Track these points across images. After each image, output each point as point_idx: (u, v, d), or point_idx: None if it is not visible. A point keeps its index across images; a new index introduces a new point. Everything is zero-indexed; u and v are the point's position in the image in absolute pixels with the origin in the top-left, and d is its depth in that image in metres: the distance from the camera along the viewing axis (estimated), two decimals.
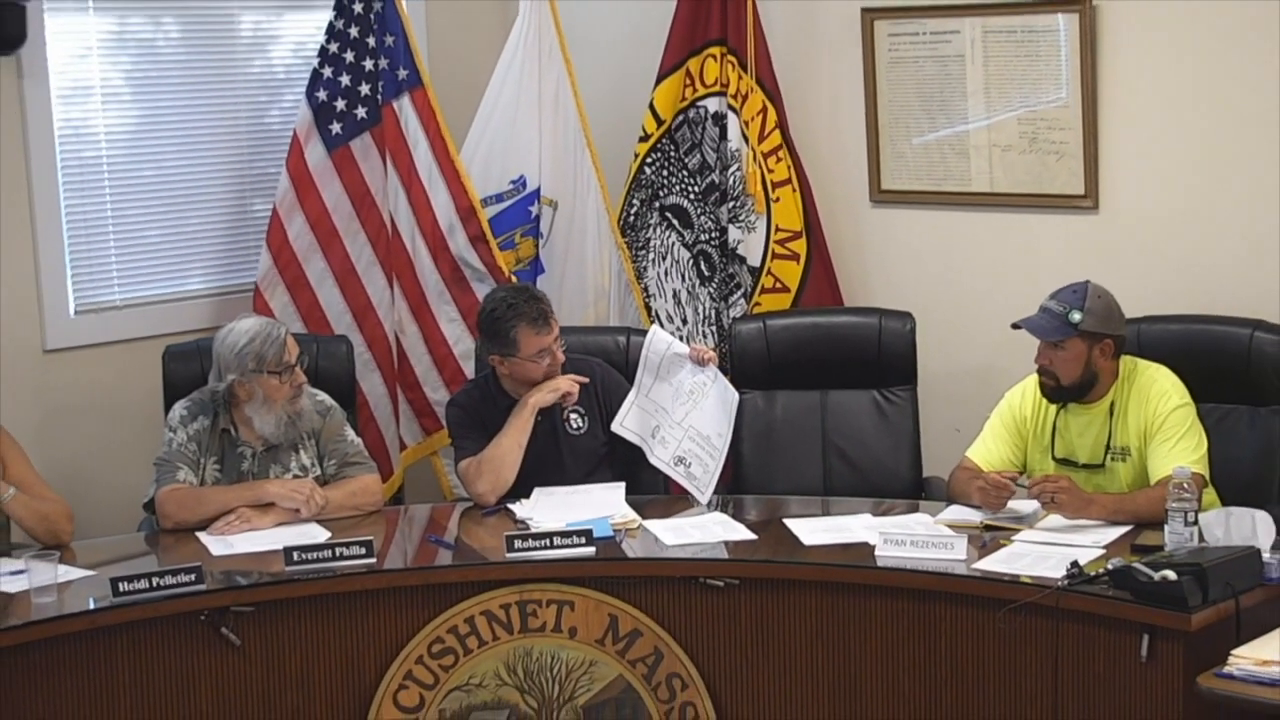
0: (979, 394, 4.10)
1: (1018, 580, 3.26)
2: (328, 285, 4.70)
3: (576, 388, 3.97)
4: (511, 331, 3.92)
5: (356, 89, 4.68)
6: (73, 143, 4.54)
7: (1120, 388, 3.72)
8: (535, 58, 4.86)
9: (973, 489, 3.70)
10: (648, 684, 3.50)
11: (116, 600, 3.29)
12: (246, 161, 4.88)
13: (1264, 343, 3.92)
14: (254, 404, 3.84)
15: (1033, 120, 4.45)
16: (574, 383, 3.97)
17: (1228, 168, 4.17)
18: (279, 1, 4.95)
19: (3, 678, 3.18)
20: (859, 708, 3.44)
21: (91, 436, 4.51)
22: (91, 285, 4.60)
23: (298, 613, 3.45)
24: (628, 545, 3.63)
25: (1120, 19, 4.27)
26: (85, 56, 4.57)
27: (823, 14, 4.80)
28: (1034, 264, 4.35)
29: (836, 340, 4.41)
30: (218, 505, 3.77)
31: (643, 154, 4.91)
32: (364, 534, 3.59)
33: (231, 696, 3.41)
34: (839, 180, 4.83)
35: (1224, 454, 3.77)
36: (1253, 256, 4.13)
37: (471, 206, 4.75)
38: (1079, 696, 3.20)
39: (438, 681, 3.49)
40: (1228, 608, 3.05)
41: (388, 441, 4.75)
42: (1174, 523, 3.28)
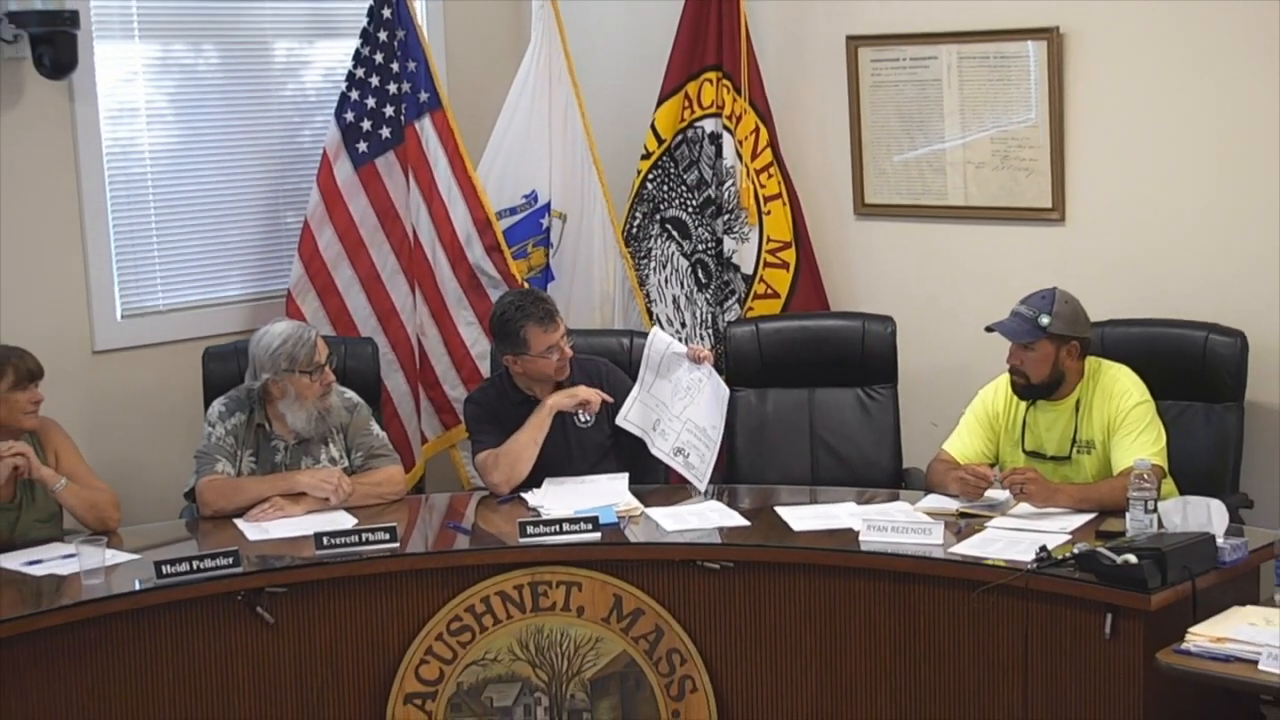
0: (955, 392, 4.10)
1: (990, 563, 3.26)
2: (355, 291, 4.70)
3: (599, 401, 3.94)
4: (521, 331, 3.91)
5: (381, 111, 4.68)
6: (120, 160, 4.53)
7: (1085, 386, 3.71)
8: (546, 82, 4.86)
9: (950, 479, 3.70)
10: (649, 659, 3.50)
11: (160, 582, 3.29)
12: (280, 177, 4.87)
13: (1218, 344, 3.93)
14: (287, 401, 3.84)
15: (1004, 139, 4.45)
16: (597, 396, 3.94)
17: (1184, 183, 4.17)
18: (310, 29, 4.95)
19: (55, 653, 3.18)
20: (844, 681, 3.43)
21: (137, 431, 4.51)
22: (137, 291, 4.59)
23: (327, 593, 3.45)
24: (631, 531, 3.63)
25: (1085, 47, 4.27)
26: (131, 80, 4.57)
27: (811, 41, 4.79)
28: (1005, 272, 4.34)
29: (823, 342, 4.41)
30: (253, 494, 3.77)
31: (645, 170, 4.91)
32: (388, 520, 3.60)
33: (266, 671, 3.41)
34: (825, 194, 4.83)
35: (1181, 447, 3.78)
36: (1208, 265, 4.13)
37: (487, 219, 4.75)
38: (1047, 671, 3.20)
39: (456, 656, 3.48)
40: (1185, 589, 3.05)
41: (410, 435, 4.75)
42: (1135, 510, 3.28)
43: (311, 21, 4.95)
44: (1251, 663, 2.79)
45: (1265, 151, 4.02)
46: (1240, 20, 4.01)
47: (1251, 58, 4.00)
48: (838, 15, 4.71)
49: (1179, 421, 3.86)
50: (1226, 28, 4.03)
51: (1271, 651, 2.78)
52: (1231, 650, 2.83)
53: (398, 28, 4.68)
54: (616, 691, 3.50)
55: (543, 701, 3.50)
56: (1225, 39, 4.04)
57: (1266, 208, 4.04)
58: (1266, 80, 3.99)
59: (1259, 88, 4.00)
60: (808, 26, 4.80)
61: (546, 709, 3.50)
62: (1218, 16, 4.04)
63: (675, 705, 3.49)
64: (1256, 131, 4.03)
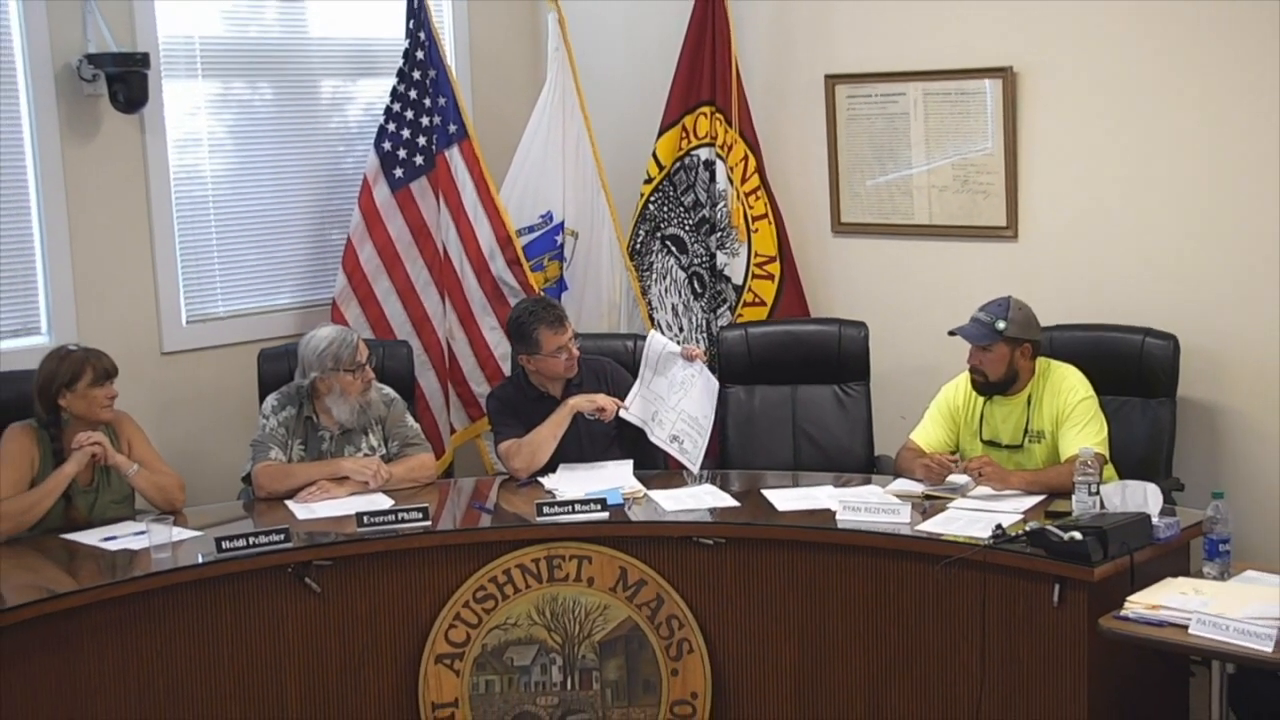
0: (920, 388, 4.09)
1: (952, 539, 3.25)
2: (392, 300, 4.69)
3: (614, 410, 3.92)
4: (534, 333, 3.91)
5: (415, 141, 4.68)
6: (185, 184, 4.53)
7: (1036, 383, 3.71)
8: (560, 115, 4.86)
9: (916, 465, 3.69)
10: (651, 623, 3.50)
11: (220, 556, 3.29)
12: (325, 199, 4.87)
13: (1153, 346, 3.93)
14: (332, 396, 3.84)
15: (964, 166, 4.44)
16: (613, 405, 3.92)
17: (1124, 204, 4.17)
18: (353, 69, 4.95)
19: (128, 619, 3.19)
20: (822, 643, 3.43)
21: (199, 422, 4.51)
22: (200, 299, 4.59)
23: (367, 566, 3.45)
24: (635, 511, 3.63)
25: (1035, 85, 4.27)
26: (195, 114, 4.57)
27: (794, 80, 4.79)
28: (965, 283, 4.33)
29: (804, 345, 4.40)
30: (302, 478, 3.77)
31: (647, 193, 4.90)
32: (421, 502, 3.60)
33: (313, 635, 3.41)
34: (806, 214, 4.82)
35: (1121, 437, 3.78)
36: (1145, 276, 4.13)
37: (508, 236, 4.74)
38: (1002, 635, 3.19)
39: (481, 621, 3.48)
40: (1124, 562, 3.04)
41: (440, 427, 4.75)
42: (1080, 493, 3.27)
43: (354, 62, 4.95)
44: (1182, 627, 2.79)
45: (1194, 177, 4.02)
46: (1171, 62, 4.01)
47: (1182, 95, 4.01)
48: (817, 56, 4.71)
49: (1119, 414, 3.86)
50: (1160, 69, 4.04)
51: (1200, 618, 2.78)
52: (1165, 616, 2.83)
53: (429, 68, 4.68)
54: (622, 652, 3.50)
55: (557, 661, 3.50)
56: (1158, 79, 4.04)
57: (1196, 225, 4.04)
58: (1194, 115, 3.99)
59: (1188, 122, 4.01)
60: (791, 66, 4.79)
61: (560, 668, 3.50)
62: (1152, 59, 4.05)
63: (674, 664, 3.49)
64: (1186, 160, 4.03)
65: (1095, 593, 3.02)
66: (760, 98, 4.82)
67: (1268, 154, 3.89)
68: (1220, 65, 3.94)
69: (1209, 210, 4.01)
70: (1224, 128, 3.95)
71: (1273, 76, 3.86)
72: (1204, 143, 4.00)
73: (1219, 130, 3.96)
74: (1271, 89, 3.86)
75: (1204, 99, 3.98)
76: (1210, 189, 4.00)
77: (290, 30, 4.81)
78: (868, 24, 4.60)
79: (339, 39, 4.91)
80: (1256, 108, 3.89)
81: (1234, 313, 3.99)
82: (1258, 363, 3.97)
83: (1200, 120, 3.99)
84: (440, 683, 3.46)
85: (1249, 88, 3.89)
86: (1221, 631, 2.74)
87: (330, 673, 3.42)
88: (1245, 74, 3.90)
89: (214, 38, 4.59)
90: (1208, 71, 3.96)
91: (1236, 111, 3.93)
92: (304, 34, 4.84)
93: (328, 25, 4.88)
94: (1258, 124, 3.89)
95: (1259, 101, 3.88)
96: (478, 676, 3.47)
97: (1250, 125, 3.91)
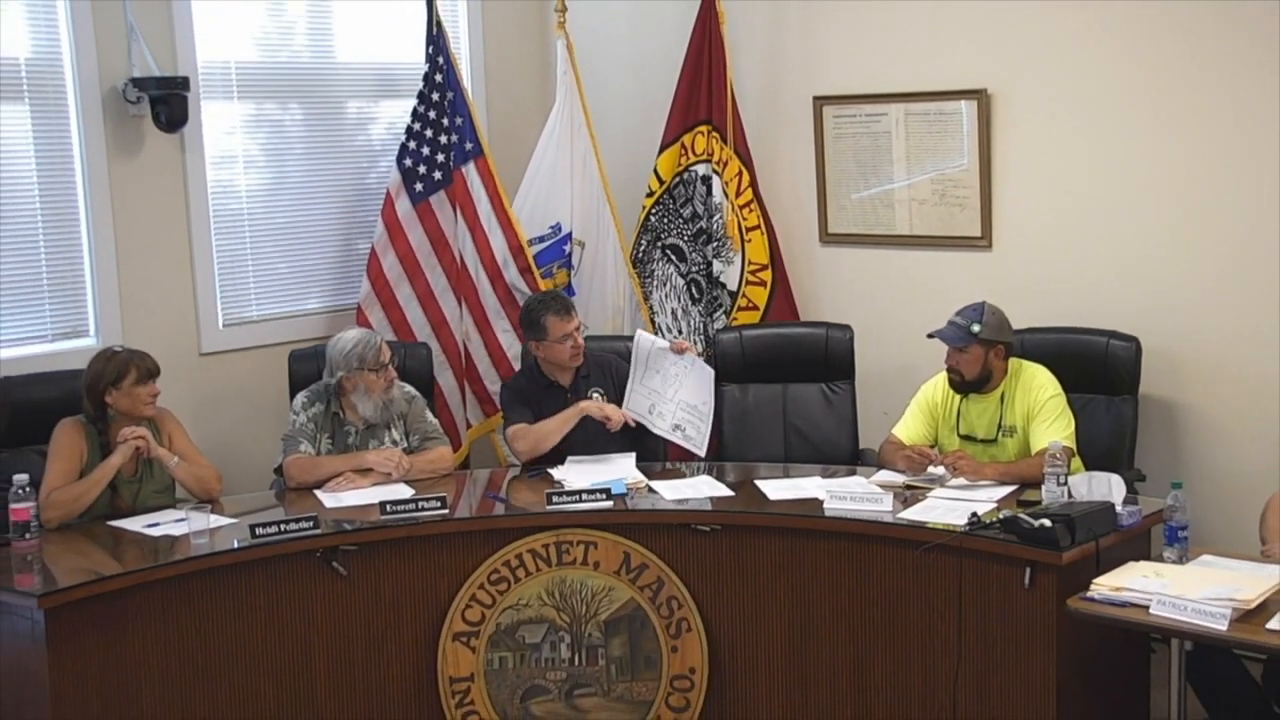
0: (902, 386, 4.09)
1: (931, 526, 3.25)
2: (413, 305, 4.69)
3: (620, 420, 3.90)
4: (542, 319, 3.91)
5: (434, 157, 4.68)
6: (221, 198, 4.53)
7: (1009, 382, 3.71)
8: (568, 133, 4.86)
9: (898, 457, 3.69)
10: (653, 604, 3.50)
11: (254, 541, 3.29)
12: (351, 212, 4.87)
13: (1117, 348, 3.93)
14: (357, 393, 3.84)
15: (942, 181, 4.44)
16: (620, 417, 3.90)
17: (1090, 215, 4.16)
18: (376, 91, 4.95)
19: (170, 599, 3.19)
20: (810, 622, 3.43)
21: (235, 418, 4.51)
22: (235, 304, 4.59)
23: (390, 551, 3.45)
24: (637, 500, 3.62)
25: (1008, 105, 4.27)
26: (231, 133, 4.57)
27: (784, 101, 4.79)
28: (943, 289, 4.33)
29: (794, 346, 4.40)
30: (329, 470, 3.77)
31: (649, 206, 4.90)
32: (439, 491, 3.60)
33: (339, 614, 3.41)
34: (796, 225, 4.82)
35: (1087, 431, 3.78)
36: (1110, 282, 4.13)
37: (520, 245, 4.74)
38: (977, 615, 3.19)
39: (495, 602, 3.48)
40: (1090, 547, 3.04)
41: (457, 422, 4.75)
42: (1049, 483, 3.27)
43: (377, 84, 4.95)
44: (1144, 608, 2.80)
45: (1156, 191, 4.02)
46: (1134, 85, 4.02)
47: (1144, 115, 4.01)
48: (806, 79, 4.71)
49: (1085, 410, 3.86)
50: (1123, 92, 4.04)
51: (1160, 599, 2.78)
52: (1128, 597, 2.83)
53: (447, 90, 4.68)
54: (626, 631, 3.50)
55: (565, 639, 3.49)
56: (1122, 101, 4.05)
57: (1158, 236, 4.04)
58: (1156, 134, 4.00)
59: (1150, 140, 4.01)
60: (781, 88, 4.79)
61: (568, 645, 3.49)
62: (1116, 82, 4.05)
63: (674, 641, 3.49)
64: (1148, 175, 4.03)
65: (1063, 575, 3.02)
66: (753, 117, 4.81)
67: (1224, 170, 3.90)
68: (1180, 89, 3.94)
69: (1169, 221, 4.01)
70: (1183, 146, 3.96)
71: (1227, 100, 3.87)
72: (1164, 159, 4.00)
73: (1179, 148, 3.97)
74: (1226, 111, 3.87)
75: (1165, 120, 3.98)
76: (1170, 202, 4.01)
77: (319, 55, 4.82)
78: (853, 50, 4.60)
79: (363, 63, 4.91)
80: (1213, 128, 3.90)
81: (1192, 317, 3.99)
82: (1214, 363, 3.97)
83: (1161, 139, 4.00)
84: (457, 659, 3.46)
85: (1206, 109, 3.90)
86: (1180, 611, 2.74)
87: (355, 649, 3.42)
88: (1203, 97, 3.90)
89: (249, 62, 4.59)
90: (1169, 94, 3.96)
91: (1195, 131, 3.93)
92: (331, 59, 4.85)
93: (353, 50, 4.88)
94: (1214, 143, 3.90)
95: (1216, 122, 3.89)
96: (492, 653, 3.47)
97: (1207, 144, 3.91)
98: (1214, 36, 3.85)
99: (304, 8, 4.76)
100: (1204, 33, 3.87)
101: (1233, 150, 3.87)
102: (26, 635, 3.02)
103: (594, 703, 3.49)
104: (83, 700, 3.04)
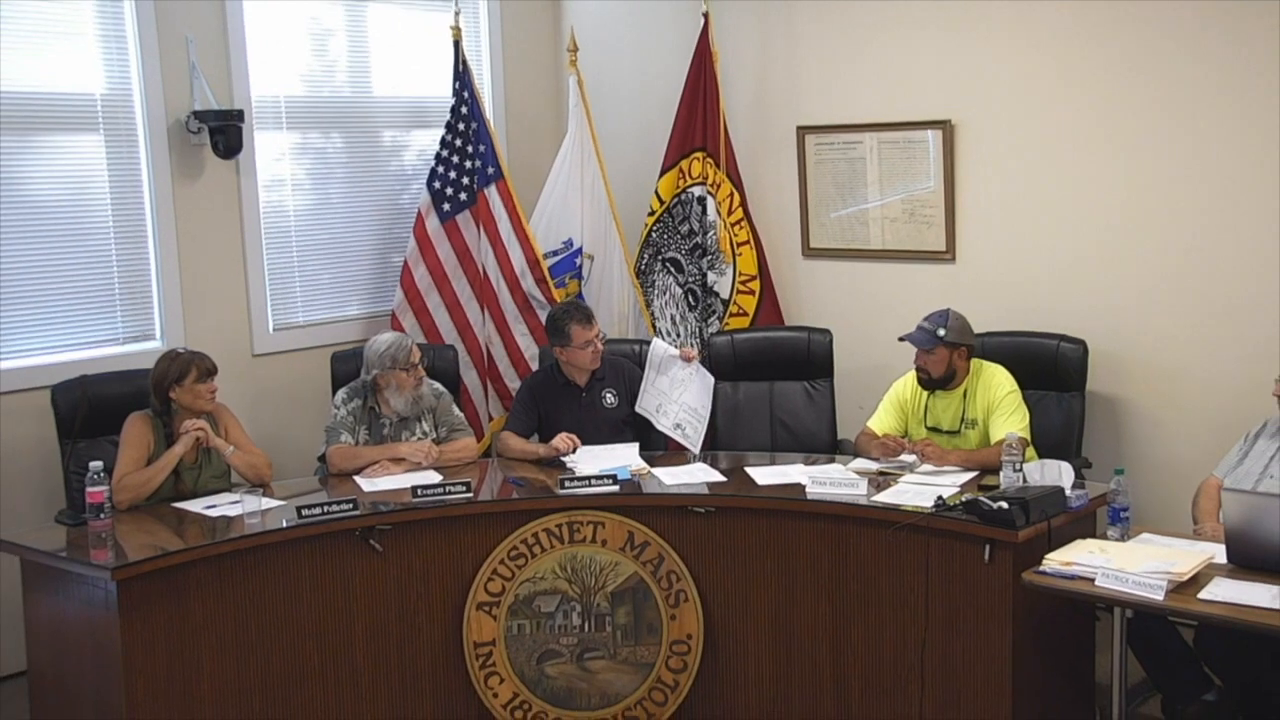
0: (875, 384, 4.09)
1: (901, 508, 3.25)
2: (441, 312, 4.70)
3: (567, 448, 3.78)
4: (567, 327, 3.91)
5: (460, 181, 4.69)
6: (272, 217, 4.55)
7: (971, 379, 3.71)
8: (579, 158, 4.87)
9: (872, 446, 3.69)
10: (654, 577, 3.50)
11: (300, 521, 3.30)
12: (386, 229, 4.89)
13: (1066, 350, 3.93)
14: (390, 390, 3.85)
15: (911, 201, 4.44)
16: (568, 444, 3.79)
17: (1043, 231, 4.17)
18: (409, 122, 4.96)
19: (226, 572, 3.20)
20: (794, 593, 3.43)
21: (283, 411, 4.52)
22: (284, 311, 4.61)
23: (420, 530, 3.45)
24: (641, 484, 3.62)
25: (969, 135, 4.28)
26: (280, 160, 4.59)
27: (771, 130, 4.79)
28: (912, 297, 4.34)
29: (779, 348, 4.40)
30: (367, 458, 3.78)
31: (650, 224, 4.90)
32: (464, 477, 3.60)
33: (376, 587, 3.41)
34: (781, 241, 4.82)
35: (1040, 424, 3.78)
36: (1060, 292, 4.13)
37: (537, 259, 4.75)
38: (942, 587, 3.19)
39: (514, 575, 3.48)
40: (1042, 527, 3.04)
41: (480, 416, 4.75)
42: (1006, 470, 3.27)
43: (410, 116, 4.96)
44: (1090, 580, 2.80)
45: (1101, 209, 4.03)
46: (1081, 116, 4.02)
47: (1091, 143, 4.01)
48: (790, 111, 4.71)
49: (1038, 405, 3.86)
50: (1072, 122, 4.05)
51: (1104, 572, 2.78)
52: (1076, 571, 2.83)
53: (472, 120, 4.69)
54: (630, 601, 3.50)
55: (576, 608, 3.49)
56: (1072, 130, 4.05)
57: (1103, 250, 4.05)
58: (1103, 160, 4.00)
59: (1097, 165, 4.02)
60: (768, 119, 4.80)
61: (579, 614, 3.49)
62: (1066, 114, 4.06)
63: (673, 611, 3.49)
64: (1095, 195, 4.04)
65: (1019, 552, 3.01)
66: (743, 145, 4.82)
67: (1159, 194, 3.91)
68: (1119, 122, 3.95)
69: (1113, 238, 4.02)
70: (1124, 172, 3.96)
71: (1161, 132, 3.87)
72: (1107, 184, 4.00)
73: (1121, 173, 3.97)
74: (1160, 142, 3.88)
75: (1108, 148, 3.99)
76: (1114, 220, 4.01)
77: (358, 91, 4.83)
78: (832, 85, 4.60)
79: (397, 97, 4.92)
80: (1147, 157, 3.90)
81: (1134, 322, 3.99)
82: (1153, 363, 3.97)
83: (1107, 163, 4.00)
84: (480, 626, 3.46)
85: (1142, 140, 3.91)
86: (1122, 583, 2.74)
87: (390, 617, 3.43)
88: (1138, 129, 3.91)
89: (296, 97, 4.61)
90: (1111, 126, 3.97)
91: (1133, 159, 3.94)
92: (369, 93, 4.86)
93: (388, 86, 4.89)
94: (1150, 171, 3.91)
95: (1151, 152, 3.90)
96: (511, 621, 3.47)
97: (1144, 172, 3.92)
98: (1145, 74, 3.87)
99: (345, 48, 4.78)
100: (1136, 72, 3.89)
101: (1165, 177, 3.88)
102: (101, 603, 3.04)
103: (602, 664, 3.49)
104: (150, 660, 3.05)
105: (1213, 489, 3.28)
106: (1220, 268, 3.82)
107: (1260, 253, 3.74)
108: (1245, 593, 2.68)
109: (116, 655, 3.01)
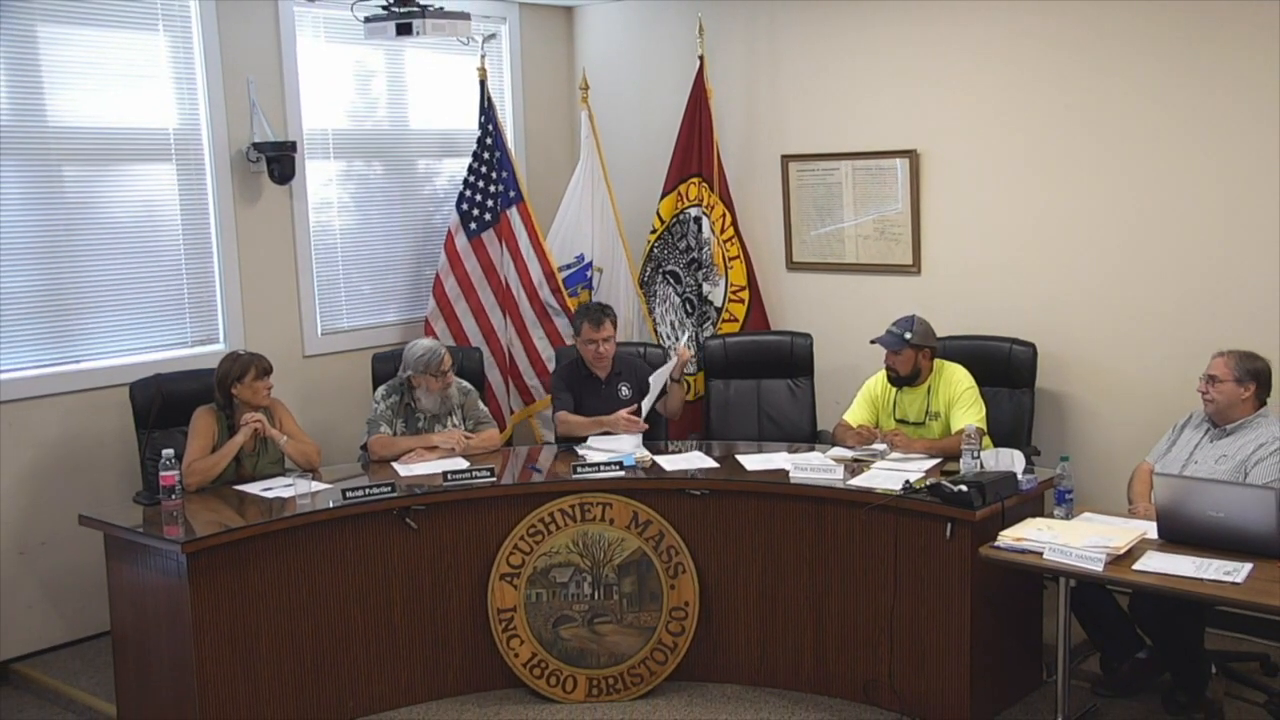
0: (850, 381, 4.11)
1: (874, 491, 3.26)
2: (468, 318, 4.71)
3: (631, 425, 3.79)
4: (579, 323, 3.95)
5: (485, 203, 4.70)
6: (321, 235, 4.56)
7: (934, 377, 3.72)
8: (590, 182, 4.87)
9: (848, 436, 3.70)
10: (656, 552, 3.50)
11: (345, 502, 3.31)
12: (420, 245, 4.89)
13: (1018, 351, 3.94)
14: (420, 390, 3.84)
15: (882, 221, 4.45)
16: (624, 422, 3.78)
17: (997, 247, 4.17)
18: (440, 151, 4.97)
19: (281, 547, 3.21)
20: (779, 566, 3.44)
21: (330, 406, 4.53)
22: (331, 317, 4.62)
23: (450, 510, 3.46)
24: (644, 470, 3.62)
25: (933, 162, 4.28)
26: (328, 185, 4.60)
27: (759, 158, 4.79)
28: (882, 304, 4.34)
29: (766, 350, 4.41)
30: (404, 447, 3.78)
31: (652, 241, 4.90)
32: (489, 464, 3.61)
33: (411, 560, 3.43)
34: (768, 255, 4.82)
35: (995, 416, 3.79)
36: (1013, 300, 4.14)
37: (552, 271, 4.76)
38: (910, 561, 3.21)
39: (532, 550, 3.49)
40: (997, 507, 3.06)
41: (503, 410, 4.76)
42: (966, 457, 3.28)
43: (441, 146, 4.97)
44: (1038, 554, 2.81)
45: (1049, 227, 4.03)
46: (1032, 146, 4.02)
47: (1040, 169, 4.01)
48: (776, 141, 4.72)
49: (994, 400, 3.86)
50: (1024, 151, 4.05)
51: (1051, 546, 2.80)
52: (1026, 546, 2.84)
53: (495, 149, 4.70)
54: (635, 573, 3.50)
55: (587, 579, 3.50)
56: (1024, 158, 4.05)
57: (1050, 263, 4.05)
58: (1051, 183, 4.00)
59: (1046, 188, 4.02)
60: (756, 149, 4.80)
61: (590, 584, 3.50)
62: (1018, 144, 4.06)
63: (672, 581, 3.50)
64: (1043, 215, 4.04)
65: (976, 529, 3.03)
66: (734, 171, 4.82)
67: (1098, 214, 3.91)
68: (1063, 151, 3.95)
69: (1059, 252, 4.02)
70: (1069, 196, 3.97)
71: (1103, 162, 3.88)
72: (1055, 204, 4.01)
73: (1067, 196, 3.97)
74: (1103, 170, 3.88)
75: (1054, 175, 3.99)
76: (1058, 237, 4.01)
77: (396, 124, 4.84)
78: (812, 119, 4.61)
79: (430, 129, 4.93)
80: (1090, 184, 3.90)
81: (1078, 328, 4.00)
82: (1094, 363, 3.98)
83: (1055, 187, 4.00)
84: (503, 594, 3.47)
85: (1086, 170, 3.91)
86: (1066, 556, 2.76)
87: (424, 586, 3.44)
88: (1083, 161, 3.91)
89: (342, 129, 4.62)
90: (1060, 151, 3.97)
91: (1077, 185, 3.94)
92: (405, 126, 4.87)
93: (422, 120, 4.90)
94: (1092, 196, 3.91)
95: (1095, 178, 3.90)
96: (530, 590, 3.48)
97: (1088, 196, 3.92)
98: (1082, 112, 3.87)
99: (385, 87, 4.79)
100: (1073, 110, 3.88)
101: (1101, 200, 3.88)
102: (174, 573, 3.06)
103: (610, 628, 3.50)
104: (216, 623, 3.08)
105: (1145, 473, 3.29)
106: (1151, 280, 3.83)
107: (1187, 263, 3.75)
108: (1173, 564, 2.69)
109: (187, 617, 3.03)
